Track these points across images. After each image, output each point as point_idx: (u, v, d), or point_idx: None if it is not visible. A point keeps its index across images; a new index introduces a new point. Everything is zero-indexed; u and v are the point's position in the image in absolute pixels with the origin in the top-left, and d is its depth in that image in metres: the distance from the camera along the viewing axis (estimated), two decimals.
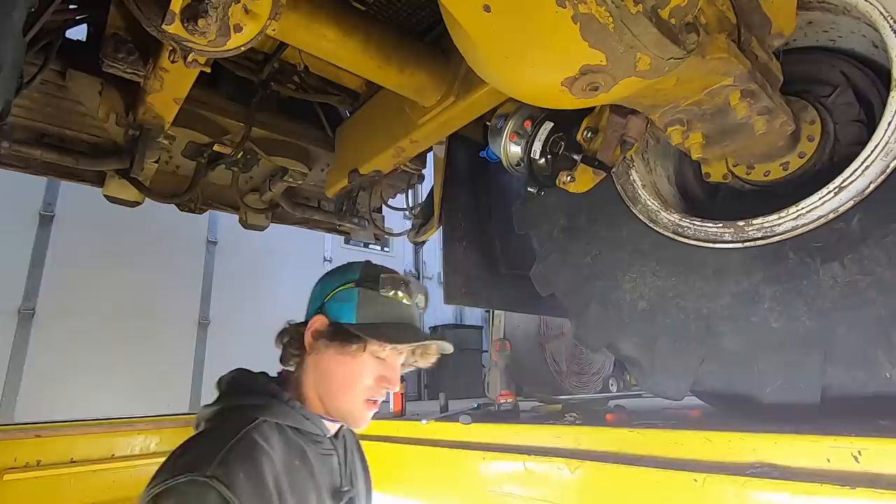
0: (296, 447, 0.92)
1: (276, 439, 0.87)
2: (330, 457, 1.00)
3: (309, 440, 0.96)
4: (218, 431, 0.85)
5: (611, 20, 0.81)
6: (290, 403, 0.95)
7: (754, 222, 1.32)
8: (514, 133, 1.79)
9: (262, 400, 0.93)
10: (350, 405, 0.98)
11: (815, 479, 0.95)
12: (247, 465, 0.79)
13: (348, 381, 0.98)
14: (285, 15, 1.17)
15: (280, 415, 0.92)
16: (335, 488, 0.98)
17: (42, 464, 2.05)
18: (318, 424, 0.98)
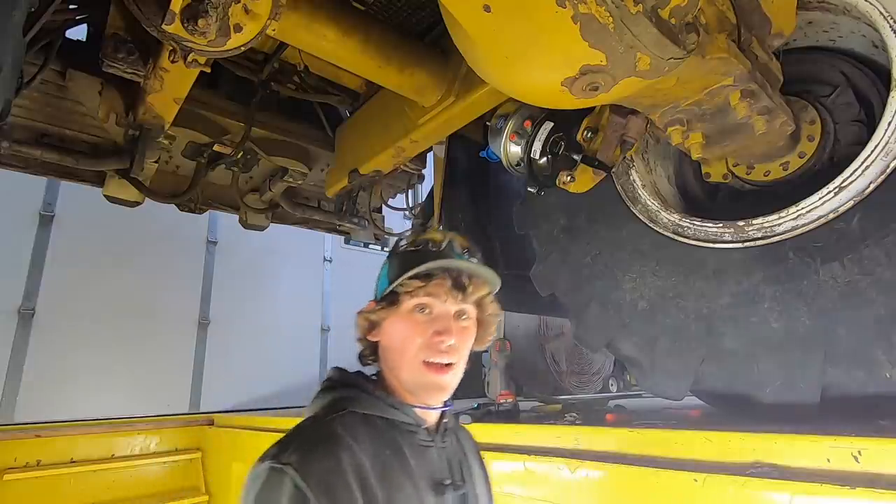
0: (387, 438, 0.89)
1: (363, 430, 0.86)
2: (428, 448, 0.95)
3: (402, 431, 0.92)
4: (306, 422, 0.88)
5: (611, 20, 0.81)
6: (377, 394, 0.94)
7: (754, 222, 1.32)
8: (514, 133, 1.79)
9: (350, 392, 0.94)
10: (410, 371, 0.92)
11: (815, 479, 0.95)
12: (322, 454, 0.79)
13: (400, 344, 0.94)
14: (285, 15, 1.17)
15: (366, 405, 0.92)
16: (436, 481, 0.92)
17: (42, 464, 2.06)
18: (407, 413, 0.94)
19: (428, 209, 2.37)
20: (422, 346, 0.92)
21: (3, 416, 3.77)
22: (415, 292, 0.92)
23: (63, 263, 4.28)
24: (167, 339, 4.40)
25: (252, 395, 4.51)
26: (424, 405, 0.96)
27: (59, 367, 4.08)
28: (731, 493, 1.04)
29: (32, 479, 1.99)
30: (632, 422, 1.53)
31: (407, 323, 0.94)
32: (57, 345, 4.12)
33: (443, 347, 0.92)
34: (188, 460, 3.45)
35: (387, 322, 0.96)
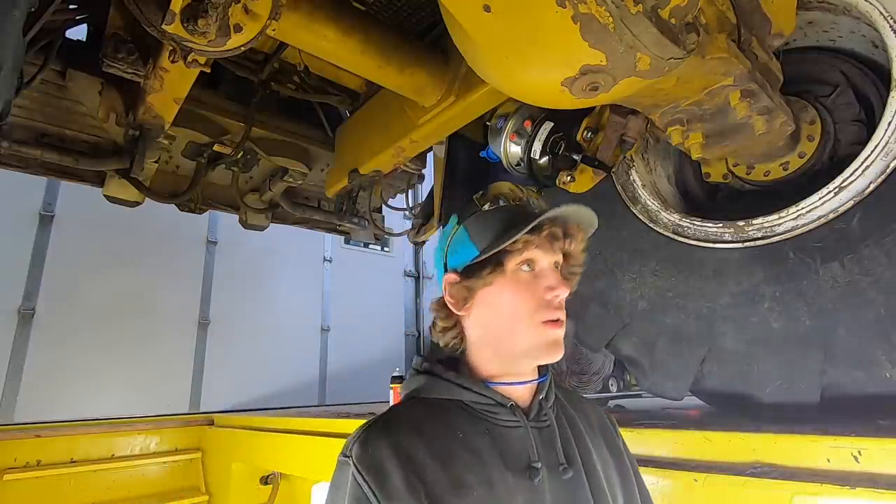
0: (457, 422, 0.83)
1: (428, 415, 0.83)
2: (514, 429, 0.85)
3: (478, 414, 0.85)
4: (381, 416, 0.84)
5: (611, 20, 0.81)
6: (447, 376, 0.88)
7: (754, 222, 1.32)
8: (514, 133, 1.79)
9: (423, 380, 0.90)
10: (529, 334, 0.85)
11: (815, 479, 0.95)
12: (381, 443, 0.77)
13: (511, 309, 0.86)
14: (285, 15, 1.17)
15: (437, 390, 0.87)
16: (524, 464, 0.82)
17: (42, 464, 2.06)
18: (484, 392, 0.86)
19: (428, 209, 2.37)
20: (537, 306, 0.85)
21: (3, 416, 3.77)
22: (523, 248, 0.85)
23: (63, 263, 4.28)
24: (167, 339, 4.40)
25: (252, 395, 4.52)
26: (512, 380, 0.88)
27: (59, 367, 4.08)
28: (731, 493, 1.04)
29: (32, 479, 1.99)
30: (632, 422, 1.53)
31: (515, 284, 0.86)
32: (57, 345, 4.13)
33: (556, 303, 0.86)
34: (188, 460, 3.46)
35: (485, 290, 0.87)
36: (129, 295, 4.45)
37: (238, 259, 4.84)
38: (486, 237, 0.87)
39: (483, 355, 0.90)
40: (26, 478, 1.97)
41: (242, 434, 3.13)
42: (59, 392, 4.02)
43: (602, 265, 1.61)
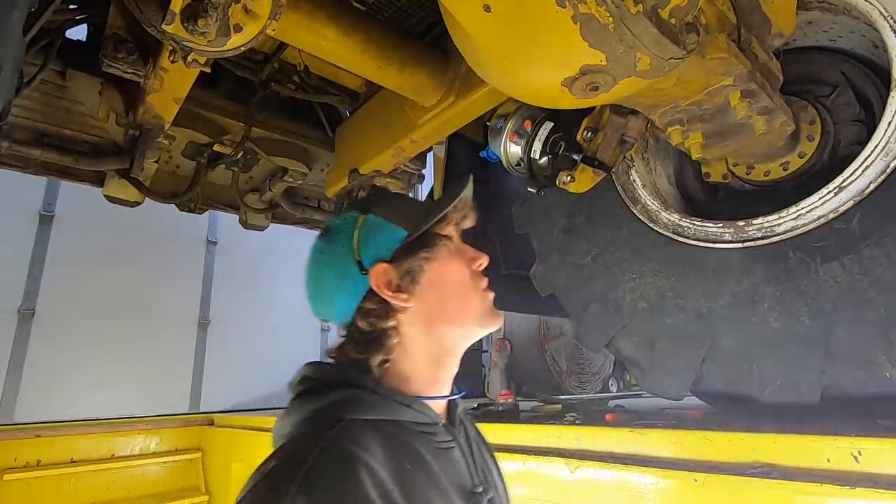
0: (402, 445, 0.71)
1: (373, 440, 0.67)
2: (450, 450, 0.78)
3: (416, 433, 0.75)
4: (296, 444, 0.67)
5: (611, 20, 0.81)
6: (380, 390, 0.74)
7: (754, 222, 1.32)
8: (514, 133, 1.79)
9: (343, 393, 0.73)
10: (479, 302, 0.83)
11: (815, 479, 0.95)
12: (339, 484, 0.60)
13: (461, 279, 0.83)
14: (285, 15, 1.17)
15: (371, 408, 0.72)
16: (465, 489, 0.76)
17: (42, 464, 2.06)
18: (421, 410, 0.76)
19: None
20: (472, 276, 0.85)
21: (3, 416, 3.77)
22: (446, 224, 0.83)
23: (63, 263, 4.28)
24: (167, 339, 4.40)
25: (252, 395, 4.52)
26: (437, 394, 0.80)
27: (59, 367, 4.08)
28: (731, 493, 1.04)
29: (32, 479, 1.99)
30: (632, 422, 1.53)
31: (454, 255, 0.83)
32: (57, 345, 4.13)
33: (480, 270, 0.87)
34: (188, 460, 3.45)
35: (432, 267, 0.80)
36: (129, 295, 4.45)
37: (238, 259, 4.84)
38: (411, 215, 0.81)
39: (417, 358, 0.79)
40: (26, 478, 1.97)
41: (242, 434, 3.13)
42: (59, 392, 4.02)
43: (602, 265, 1.61)
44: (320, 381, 0.77)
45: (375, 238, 0.80)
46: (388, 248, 0.79)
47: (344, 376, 0.76)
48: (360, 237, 0.80)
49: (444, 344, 0.81)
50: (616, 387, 4.45)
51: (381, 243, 0.80)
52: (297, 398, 0.77)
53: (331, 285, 0.81)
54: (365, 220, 0.82)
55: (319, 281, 0.83)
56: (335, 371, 0.79)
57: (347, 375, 0.76)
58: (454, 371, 0.84)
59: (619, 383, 4.48)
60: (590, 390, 4.22)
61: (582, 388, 4.17)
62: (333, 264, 0.81)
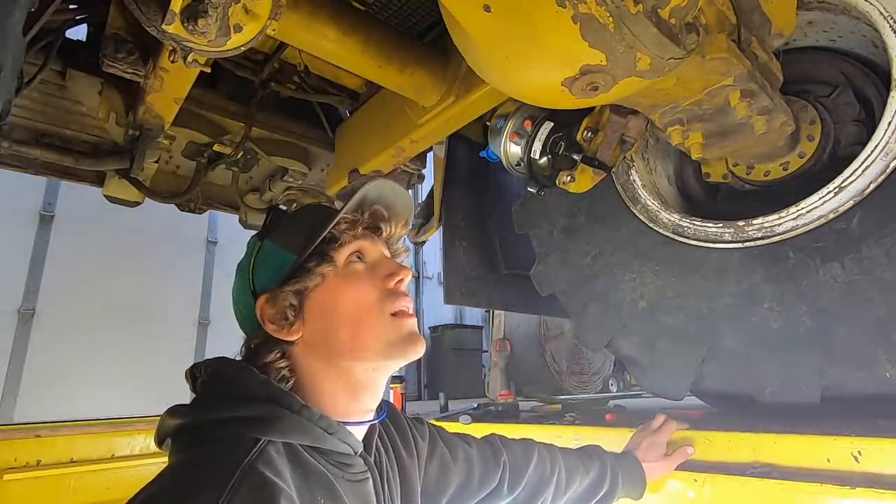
0: (319, 477, 0.63)
1: (288, 470, 0.59)
2: (364, 482, 0.71)
3: (334, 463, 0.68)
4: (204, 466, 0.55)
5: (611, 20, 0.81)
6: (305, 413, 0.65)
7: (754, 222, 1.32)
8: (514, 133, 1.79)
9: (264, 409, 0.63)
10: (381, 329, 0.72)
11: (815, 479, 0.95)
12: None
13: (355, 304, 0.73)
14: (285, 15, 1.17)
15: (294, 431, 0.63)
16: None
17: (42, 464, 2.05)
18: (344, 439, 0.69)
19: (428, 209, 2.37)
20: (380, 298, 0.74)
21: (3, 416, 3.77)
22: (349, 239, 0.75)
23: (63, 263, 4.28)
24: (167, 339, 4.40)
25: None
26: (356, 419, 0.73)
27: (59, 367, 4.09)
28: (731, 493, 1.04)
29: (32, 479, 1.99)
30: (632, 422, 1.53)
31: (351, 276, 0.74)
32: (57, 345, 4.13)
33: (401, 289, 0.76)
34: None
35: (318, 291, 0.72)
36: (130, 295, 4.46)
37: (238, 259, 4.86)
38: (301, 236, 0.74)
39: (326, 387, 0.71)
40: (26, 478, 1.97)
41: None
42: (59, 392, 4.02)
43: (602, 265, 1.61)
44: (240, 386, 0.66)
45: (265, 268, 0.75)
46: (276, 277, 0.73)
47: (269, 389, 0.66)
48: (253, 267, 0.76)
49: (351, 377, 0.72)
50: (616, 387, 4.46)
51: (269, 270, 0.74)
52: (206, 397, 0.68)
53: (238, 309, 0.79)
54: (259, 248, 0.77)
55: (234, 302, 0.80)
56: (259, 380, 0.67)
57: (272, 389, 0.66)
58: (377, 400, 0.77)
59: (619, 383, 4.48)
60: (590, 390, 4.22)
61: (582, 388, 4.17)
62: (238, 290, 0.79)
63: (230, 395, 0.65)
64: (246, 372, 0.68)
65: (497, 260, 2.20)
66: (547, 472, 1.07)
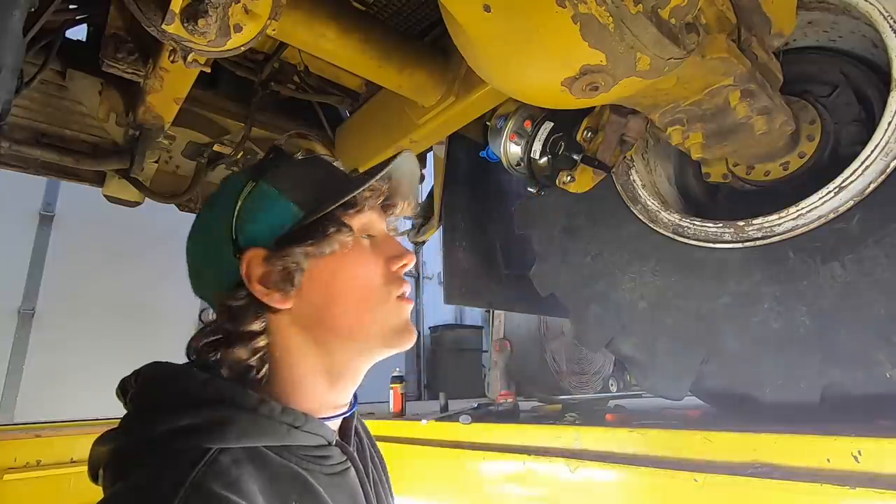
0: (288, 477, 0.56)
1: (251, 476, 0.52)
2: (345, 473, 0.65)
3: (306, 458, 0.60)
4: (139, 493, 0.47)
5: (611, 20, 0.81)
6: (264, 409, 0.57)
7: (754, 222, 1.32)
8: (514, 133, 1.79)
9: (212, 414, 0.54)
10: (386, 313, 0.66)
11: (815, 479, 0.95)
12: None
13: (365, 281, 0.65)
14: (285, 14, 1.17)
15: (251, 434, 0.55)
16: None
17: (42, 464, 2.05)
18: (314, 431, 0.61)
19: (428, 209, 2.37)
20: (387, 279, 0.67)
21: (3, 416, 3.77)
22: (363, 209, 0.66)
23: (63, 263, 4.28)
24: (167, 339, 4.40)
25: None
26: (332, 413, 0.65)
27: (59, 367, 4.09)
28: (731, 493, 1.04)
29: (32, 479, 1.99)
30: (632, 422, 1.53)
31: (360, 253, 0.65)
32: (57, 345, 4.13)
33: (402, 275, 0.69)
34: None
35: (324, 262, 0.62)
36: (129, 295, 4.46)
37: None
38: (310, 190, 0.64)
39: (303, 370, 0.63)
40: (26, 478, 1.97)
41: None
42: (59, 392, 4.02)
43: (602, 265, 1.61)
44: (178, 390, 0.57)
45: (260, 214, 0.62)
46: (273, 230, 0.62)
47: (217, 387, 0.56)
48: (241, 209, 0.62)
49: (335, 360, 0.64)
50: (616, 387, 4.45)
51: (264, 221, 0.62)
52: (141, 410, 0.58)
53: (193, 265, 0.65)
54: (253, 189, 0.63)
55: (191, 254, 0.66)
56: (201, 379, 0.57)
57: (220, 387, 0.57)
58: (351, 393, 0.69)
59: (619, 383, 4.48)
60: (590, 390, 4.21)
61: (582, 388, 4.17)
62: (206, 237, 0.64)
63: (168, 405, 0.55)
64: (183, 372, 0.58)
65: (497, 260, 2.20)
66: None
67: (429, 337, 7.50)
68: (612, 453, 1.33)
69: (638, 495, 1.22)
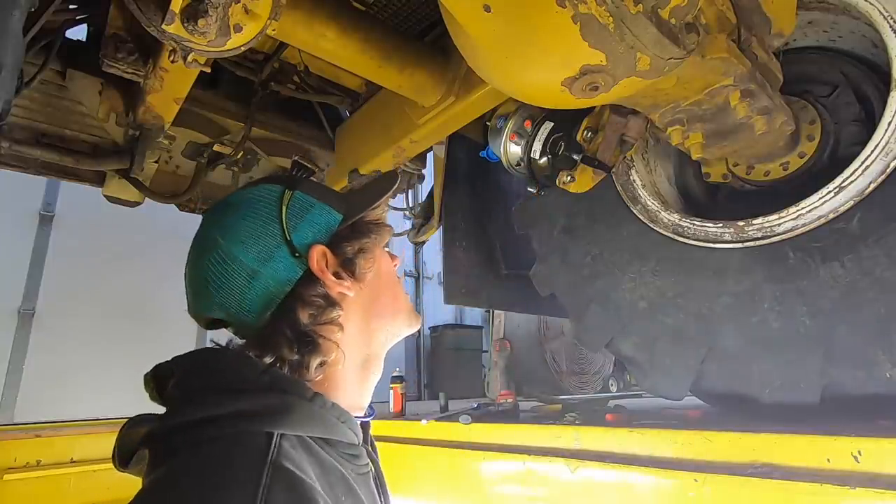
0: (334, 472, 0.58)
1: (309, 463, 0.53)
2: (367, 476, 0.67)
3: (344, 456, 0.62)
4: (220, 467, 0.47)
5: (611, 20, 0.81)
6: (318, 401, 0.60)
7: (754, 222, 1.32)
8: (514, 133, 1.79)
9: (272, 399, 0.56)
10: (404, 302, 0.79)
11: (815, 479, 0.95)
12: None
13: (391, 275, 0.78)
14: (285, 14, 1.17)
15: (308, 422, 0.57)
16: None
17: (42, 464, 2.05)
18: (354, 428, 0.65)
19: (428, 209, 2.37)
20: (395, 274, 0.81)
21: (3, 416, 3.77)
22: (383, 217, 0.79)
23: (63, 263, 4.28)
24: (167, 339, 4.40)
25: None
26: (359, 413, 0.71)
27: (59, 367, 4.09)
28: (731, 493, 1.04)
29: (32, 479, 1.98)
30: (632, 422, 1.53)
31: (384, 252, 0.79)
32: (57, 345, 4.13)
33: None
34: None
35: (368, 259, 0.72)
36: (129, 295, 4.46)
37: None
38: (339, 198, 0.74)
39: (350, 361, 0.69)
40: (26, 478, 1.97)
41: None
42: (59, 392, 4.02)
43: (602, 265, 1.61)
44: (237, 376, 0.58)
45: (310, 217, 0.69)
46: (323, 231, 0.69)
47: (273, 377, 0.59)
48: (287, 214, 0.67)
49: (374, 343, 0.74)
50: (616, 387, 4.45)
51: (316, 223, 0.69)
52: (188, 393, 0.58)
53: (242, 270, 0.64)
54: (292, 197, 0.69)
55: (221, 267, 0.64)
56: (261, 367, 0.59)
57: (277, 376, 0.59)
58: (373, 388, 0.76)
59: (619, 383, 4.48)
60: (590, 390, 4.22)
61: (582, 388, 4.17)
62: (249, 244, 0.65)
63: (225, 389, 0.56)
64: (243, 359, 0.60)
65: (497, 260, 2.20)
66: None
67: (429, 337, 7.50)
68: (612, 453, 1.33)
69: (638, 495, 1.22)
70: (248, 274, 0.64)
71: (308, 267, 0.66)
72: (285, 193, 0.69)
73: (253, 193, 0.70)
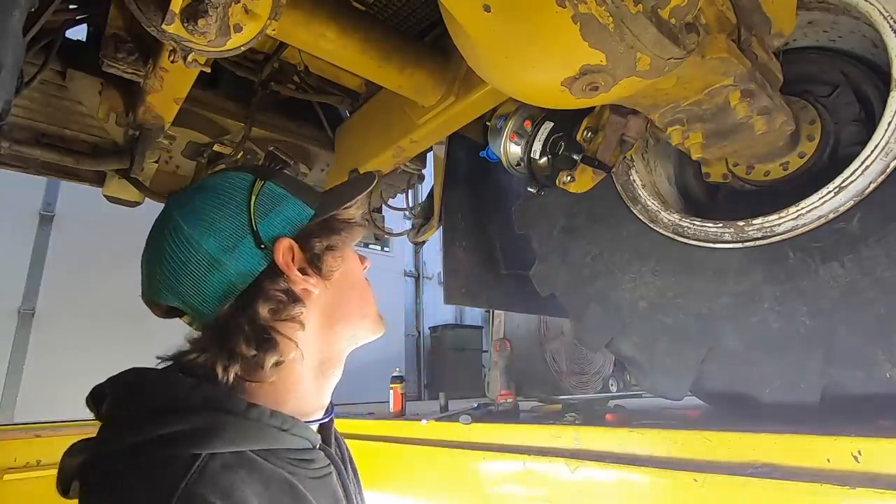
0: (278, 482, 0.56)
1: (244, 481, 0.52)
2: (327, 477, 0.66)
3: (292, 462, 0.61)
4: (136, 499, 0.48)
5: (611, 20, 0.81)
6: (253, 413, 0.58)
7: (754, 222, 1.32)
8: (514, 133, 1.79)
9: (201, 419, 0.54)
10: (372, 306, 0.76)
11: (815, 479, 0.95)
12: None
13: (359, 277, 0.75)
14: (285, 14, 1.17)
15: (241, 439, 0.55)
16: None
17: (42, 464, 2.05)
18: (301, 434, 0.63)
19: (428, 209, 2.37)
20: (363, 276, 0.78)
21: (3, 416, 3.77)
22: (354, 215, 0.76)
23: (63, 263, 4.28)
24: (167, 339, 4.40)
25: None
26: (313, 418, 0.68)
27: (59, 367, 4.09)
28: (731, 493, 1.04)
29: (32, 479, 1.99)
30: (632, 422, 1.53)
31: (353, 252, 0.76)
32: (57, 345, 4.13)
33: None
34: None
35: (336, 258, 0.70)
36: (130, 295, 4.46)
37: None
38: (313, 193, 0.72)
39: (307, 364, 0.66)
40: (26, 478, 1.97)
41: None
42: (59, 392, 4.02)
43: (602, 265, 1.61)
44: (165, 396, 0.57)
45: (279, 209, 0.66)
46: (293, 225, 0.66)
47: (203, 393, 0.57)
48: (256, 204, 0.65)
49: (335, 345, 0.70)
50: (616, 387, 4.45)
51: (284, 216, 0.66)
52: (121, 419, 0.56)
53: (203, 257, 0.61)
54: (263, 187, 0.66)
55: (181, 252, 0.62)
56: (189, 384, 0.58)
57: (207, 392, 0.57)
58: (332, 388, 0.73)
59: (619, 383, 4.48)
60: (590, 390, 4.22)
61: (582, 388, 4.17)
62: (213, 231, 0.62)
63: (153, 410, 0.55)
64: (168, 378, 0.59)
65: (497, 260, 2.20)
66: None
67: (429, 337, 7.50)
68: (612, 453, 1.33)
69: (638, 495, 1.22)
70: (208, 262, 0.61)
71: (273, 260, 0.63)
72: (256, 183, 0.67)
73: (223, 180, 0.67)
